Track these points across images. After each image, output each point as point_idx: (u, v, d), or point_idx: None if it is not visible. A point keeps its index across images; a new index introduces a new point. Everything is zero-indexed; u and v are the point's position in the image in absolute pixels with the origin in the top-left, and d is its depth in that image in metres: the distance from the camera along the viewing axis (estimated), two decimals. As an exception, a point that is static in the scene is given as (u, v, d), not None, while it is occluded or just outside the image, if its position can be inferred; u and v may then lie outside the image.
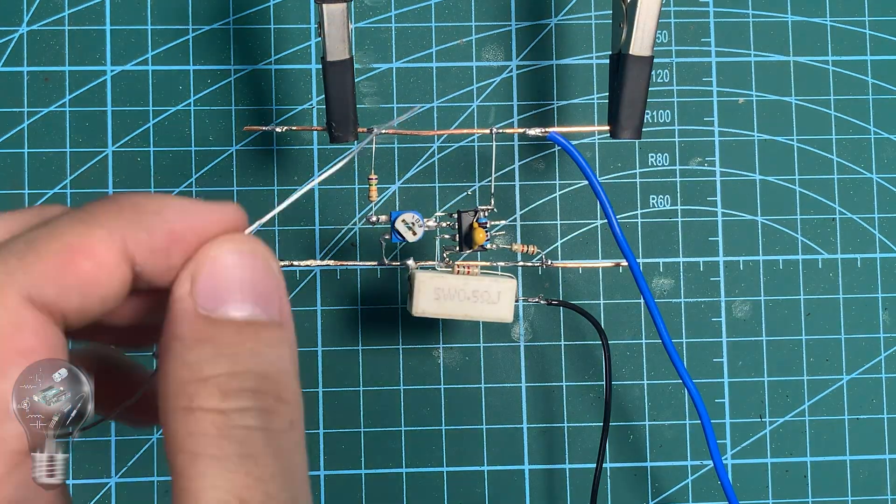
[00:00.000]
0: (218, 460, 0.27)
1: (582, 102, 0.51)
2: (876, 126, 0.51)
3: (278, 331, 0.29)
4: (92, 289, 0.27)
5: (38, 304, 0.26)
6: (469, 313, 0.41)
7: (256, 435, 0.27)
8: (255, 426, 0.27)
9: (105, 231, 0.27)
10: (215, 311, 0.28)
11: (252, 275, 0.29)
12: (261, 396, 0.28)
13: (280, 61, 0.50)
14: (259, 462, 0.27)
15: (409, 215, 0.41)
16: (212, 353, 0.28)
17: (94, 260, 0.27)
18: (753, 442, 0.50)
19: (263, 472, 0.27)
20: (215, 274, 0.29)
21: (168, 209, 0.29)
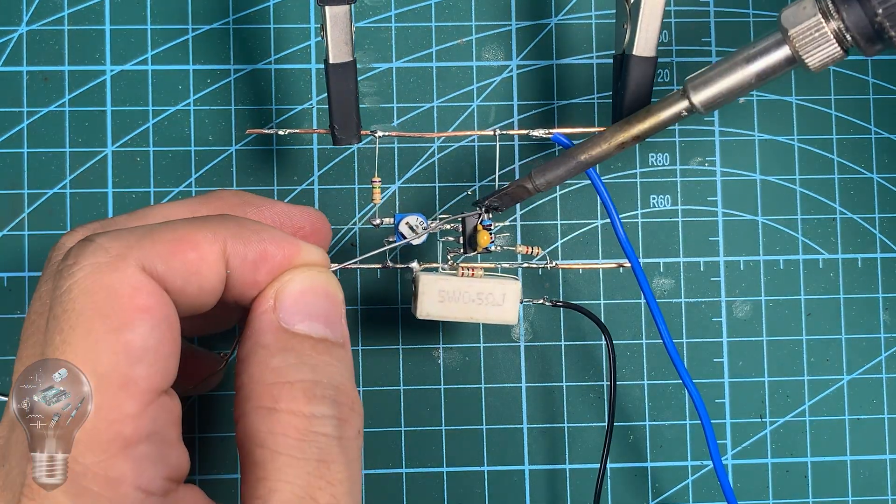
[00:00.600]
0: (297, 461, 0.31)
1: (582, 102, 0.51)
2: (877, 126, 0.51)
3: (343, 350, 0.34)
4: (193, 276, 0.32)
5: (151, 274, 0.30)
6: (474, 315, 0.41)
7: (333, 442, 0.32)
8: (332, 434, 0.32)
9: (211, 233, 0.32)
10: (294, 326, 0.33)
11: (325, 302, 0.34)
12: (338, 406, 0.32)
13: (280, 61, 0.50)
14: (332, 467, 0.31)
15: (412, 218, 0.41)
16: (295, 360, 0.32)
17: (198, 252, 0.32)
18: (754, 442, 0.50)
19: (334, 477, 0.31)
20: (296, 296, 0.34)
21: (266, 231, 0.34)
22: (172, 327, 0.31)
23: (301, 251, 0.35)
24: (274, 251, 0.34)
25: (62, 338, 0.29)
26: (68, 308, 0.30)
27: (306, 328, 0.33)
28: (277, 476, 0.31)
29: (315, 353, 0.33)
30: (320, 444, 0.31)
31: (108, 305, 0.29)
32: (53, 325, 0.30)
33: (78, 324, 0.29)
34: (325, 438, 0.32)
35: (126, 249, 0.30)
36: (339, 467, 0.32)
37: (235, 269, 0.33)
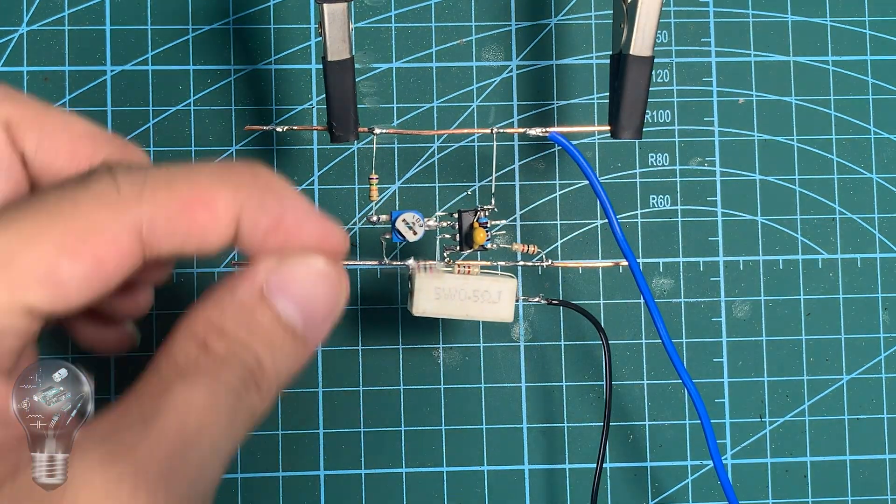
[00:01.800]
0: (190, 384, 0.31)
1: (582, 102, 0.51)
2: (876, 126, 0.51)
3: (301, 346, 0.34)
4: (195, 238, 0.31)
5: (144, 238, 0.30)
6: (470, 313, 0.41)
7: (229, 393, 0.31)
8: (234, 388, 0.32)
9: (230, 193, 0.31)
10: (272, 298, 0.33)
11: (320, 297, 0.34)
12: (250, 377, 0.32)
13: (280, 61, 0.50)
14: (217, 408, 0.31)
15: (409, 215, 0.41)
16: (244, 320, 0.32)
17: (211, 214, 0.31)
18: (753, 442, 0.50)
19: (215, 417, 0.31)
20: (296, 275, 0.33)
21: (290, 200, 0.33)
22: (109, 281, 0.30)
23: (324, 232, 0.34)
24: (292, 222, 0.33)
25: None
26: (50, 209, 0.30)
27: (282, 308, 0.33)
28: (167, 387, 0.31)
29: (268, 331, 0.33)
30: (217, 385, 0.31)
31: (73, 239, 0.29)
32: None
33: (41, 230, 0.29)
34: (224, 385, 0.32)
35: (136, 197, 0.30)
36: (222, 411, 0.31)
37: (245, 233, 0.32)
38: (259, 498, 0.49)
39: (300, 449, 0.49)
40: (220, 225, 0.32)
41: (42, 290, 0.29)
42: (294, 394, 0.49)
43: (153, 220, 0.30)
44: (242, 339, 0.32)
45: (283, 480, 0.49)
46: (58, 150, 0.36)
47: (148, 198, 0.30)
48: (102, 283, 0.30)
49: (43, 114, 0.36)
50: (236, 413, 0.32)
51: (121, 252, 0.30)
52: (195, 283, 0.49)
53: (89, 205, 0.30)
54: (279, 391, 0.34)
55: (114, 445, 0.29)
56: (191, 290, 0.49)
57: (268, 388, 0.33)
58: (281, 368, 0.33)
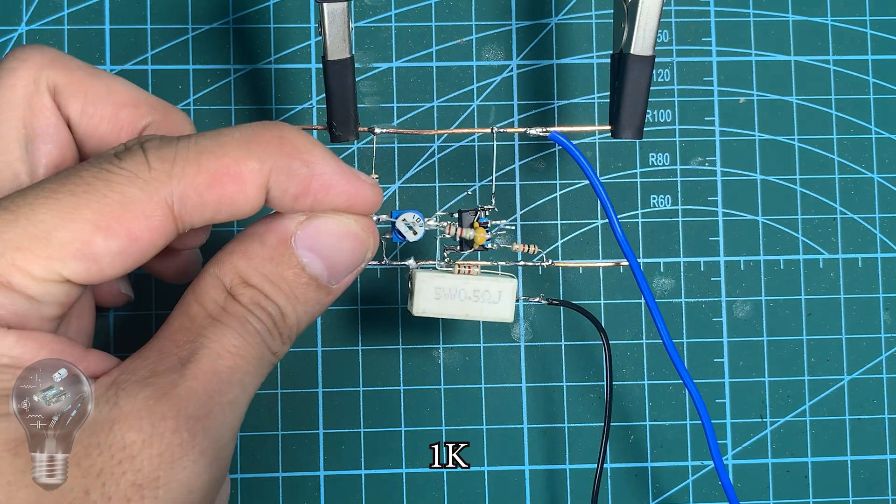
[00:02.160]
0: (221, 327, 0.33)
1: (582, 102, 0.51)
2: (877, 126, 0.51)
3: (323, 294, 0.36)
4: (226, 208, 0.33)
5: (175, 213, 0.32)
6: (470, 313, 0.40)
7: (256, 336, 0.34)
8: (260, 333, 0.34)
9: (258, 164, 0.33)
10: (299, 250, 0.35)
11: (346, 253, 0.36)
12: (272, 325, 0.34)
13: (280, 61, 0.50)
14: (247, 350, 0.33)
15: (409, 215, 0.41)
16: (269, 273, 0.34)
17: (239, 186, 0.32)
18: (754, 442, 0.50)
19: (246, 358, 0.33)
20: (325, 230, 0.35)
21: (317, 164, 0.34)
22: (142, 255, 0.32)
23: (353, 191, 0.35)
24: (319, 187, 0.34)
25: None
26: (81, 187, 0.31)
27: (307, 260, 0.35)
28: (199, 331, 0.33)
29: (292, 281, 0.35)
30: (246, 329, 0.34)
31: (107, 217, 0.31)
32: None
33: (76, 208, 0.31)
34: (252, 329, 0.34)
35: (166, 175, 0.32)
36: (251, 353, 0.34)
37: (275, 198, 0.34)
38: (259, 498, 0.49)
39: (300, 449, 0.49)
40: (248, 195, 0.33)
41: (78, 264, 0.31)
42: (294, 394, 0.49)
43: (184, 195, 0.32)
44: (267, 292, 0.34)
45: (282, 481, 0.49)
46: (101, 117, 0.37)
47: (178, 174, 0.32)
48: (136, 256, 0.32)
49: (88, 79, 0.37)
50: (262, 357, 0.34)
51: (153, 228, 0.32)
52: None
53: (122, 183, 0.31)
54: (298, 335, 0.36)
55: (156, 386, 0.31)
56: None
57: (288, 336, 0.35)
58: (301, 318, 0.35)
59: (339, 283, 0.36)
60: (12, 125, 0.36)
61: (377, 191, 0.37)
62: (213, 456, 0.32)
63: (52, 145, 0.37)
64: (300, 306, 0.35)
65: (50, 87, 0.36)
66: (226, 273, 0.34)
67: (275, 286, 0.34)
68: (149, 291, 0.49)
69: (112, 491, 0.29)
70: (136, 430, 0.30)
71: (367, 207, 0.36)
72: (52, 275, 0.31)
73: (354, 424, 0.49)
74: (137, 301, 0.49)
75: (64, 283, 0.31)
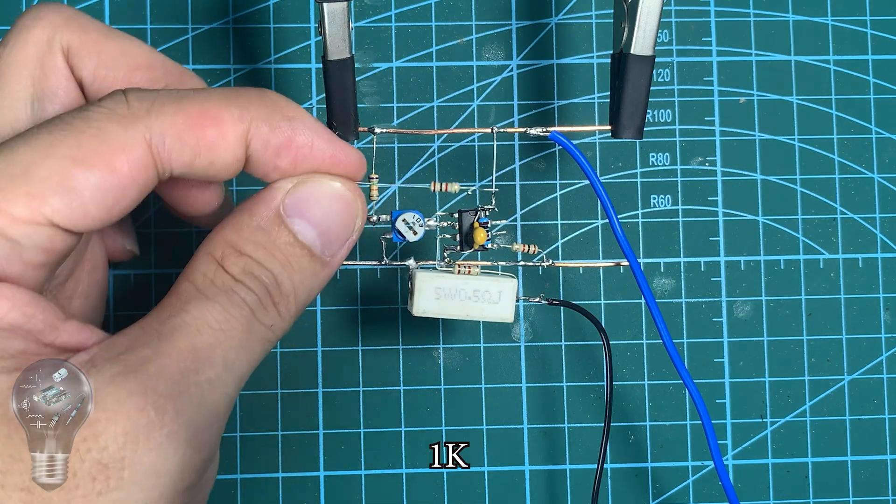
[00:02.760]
0: (205, 301, 0.32)
1: (582, 102, 0.51)
2: (877, 126, 0.51)
3: (319, 266, 0.35)
4: (206, 151, 0.33)
5: (154, 149, 0.32)
6: (470, 313, 0.41)
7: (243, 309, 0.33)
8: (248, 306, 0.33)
9: (238, 111, 0.33)
10: (290, 219, 0.34)
11: (336, 218, 0.35)
12: (265, 295, 0.33)
13: (280, 60, 0.50)
14: (231, 324, 0.32)
15: (409, 215, 0.41)
16: (261, 241, 0.34)
17: (219, 129, 0.32)
18: (754, 442, 0.50)
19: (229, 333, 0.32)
20: (313, 196, 0.35)
21: (300, 121, 0.34)
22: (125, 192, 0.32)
23: (337, 152, 0.36)
24: (303, 142, 0.34)
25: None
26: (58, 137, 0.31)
27: (298, 228, 0.34)
28: (183, 306, 0.32)
29: (285, 250, 0.34)
30: (232, 302, 0.33)
31: (85, 149, 0.31)
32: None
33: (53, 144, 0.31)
34: (239, 302, 0.33)
35: (145, 112, 0.32)
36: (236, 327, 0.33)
37: (256, 151, 0.34)
38: (259, 498, 0.49)
39: (300, 449, 0.49)
40: (228, 141, 0.33)
41: (58, 200, 0.30)
42: (294, 394, 0.49)
43: (162, 132, 0.32)
44: (259, 259, 0.34)
45: (282, 481, 0.49)
46: (114, 79, 0.37)
47: (157, 111, 0.32)
48: (118, 193, 0.32)
49: (102, 40, 0.37)
50: (252, 332, 0.33)
51: (132, 161, 0.31)
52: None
53: (100, 119, 0.31)
54: (298, 312, 0.35)
55: (128, 362, 0.31)
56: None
57: (286, 308, 0.34)
58: (300, 288, 0.35)
59: (334, 256, 0.36)
60: (21, 84, 0.36)
61: (360, 154, 0.37)
62: (186, 438, 0.31)
63: (60, 106, 0.37)
64: (296, 275, 0.34)
65: (63, 48, 0.36)
66: (216, 246, 0.34)
67: (268, 253, 0.34)
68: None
69: (77, 467, 0.29)
70: (99, 408, 0.29)
71: (351, 171, 0.36)
72: (35, 215, 0.30)
73: (354, 424, 0.49)
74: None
75: (48, 225, 0.31)
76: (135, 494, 0.29)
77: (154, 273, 0.49)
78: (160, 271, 0.49)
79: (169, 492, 0.30)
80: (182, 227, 0.49)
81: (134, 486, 0.29)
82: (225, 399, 0.32)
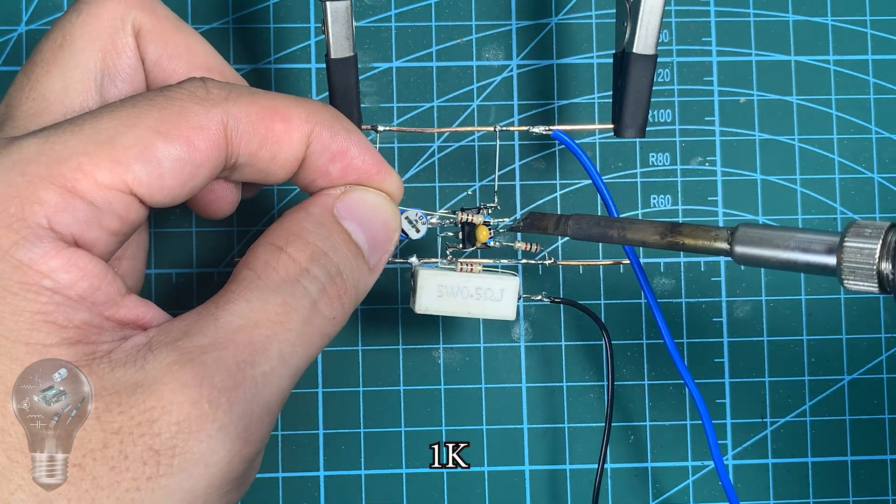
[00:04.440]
0: (268, 292, 0.33)
1: (583, 102, 0.51)
2: (877, 126, 0.51)
3: (367, 269, 0.36)
4: (271, 145, 0.34)
5: (228, 131, 0.33)
6: (472, 311, 0.41)
7: (306, 299, 0.33)
8: (311, 294, 0.34)
9: (305, 113, 0.34)
10: (344, 220, 0.36)
11: (381, 227, 0.37)
12: (331, 282, 0.34)
13: (280, 60, 0.50)
14: (290, 315, 0.33)
15: (412, 212, 0.41)
16: (324, 235, 0.35)
17: (286, 125, 0.34)
18: (754, 442, 0.50)
19: (288, 323, 0.33)
20: (363, 204, 0.36)
21: (356, 134, 0.36)
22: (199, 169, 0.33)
23: (383, 170, 0.37)
24: (356, 153, 0.36)
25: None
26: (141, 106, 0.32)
27: (352, 228, 0.36)
28: (243, 293, 0.33)
29: (343, 245, 0.35)
30: (295, 292, 0.33)
31: (167, 123, 0.32)
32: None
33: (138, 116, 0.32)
34: (302, 292, 0.33)
35: (223, 99, 0.33)
36: (296, 319, 0.33)
37: (314, 153, 0.35)
38: (259, 498, 0.49)
39: (300, 449, 0.49)
40: (293, 138, 0.34)
41: (141, 169, 0.31)
42: (294, 394, 0.49)
43: (237, 118, 0.33)
44: (325, 248, 0.34)
45: (282, 481, 0.49)
46: (173, 72, 0.38)
47: (234, 99, 0.33)
48: (193, 170, 0.33)
49: (172, 31, 0.38)
50: (311, 324, 0.34)
51: (210, 140, 0.33)
52: (194, 284, 0.49)
53: (182, 99, 0.33)
54: (352, 309, 0.36)
55: (183, 351, 0.31)
56: (190, 290, 0.49)
57: (347, 300, 0.35)
58: (358, 283, 0.36)
59: (378, 262, 0.37)
60: (91, 56, 0.36)
61: (400, 179, 0.38)
62: (237, 432, 0.31)
63: (128, 86, 0.37)
64: (354, 269, 0.35)
65: (135, 28, 0.37)
66: (278, 237, 0.35)
67: (332, 244, 0.35)
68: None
69: (129, 450, 0.29)
70: (156, 396, 0.30)
71: (392, 191, 0.38)
72: (117, 181, 0.31)
73: (354, 424, 0.49)
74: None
75: (128, 193, 0.31)
76: (183, 482, 0.30)
77: (153, 273, 0.49)
78: (159, 272, 0.49)
79: (217, 481, 0.31)
80: (181, 227, 0.49)
81: (182, 474, 0.30)
82: (279, 393, 0.33)
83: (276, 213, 0.50)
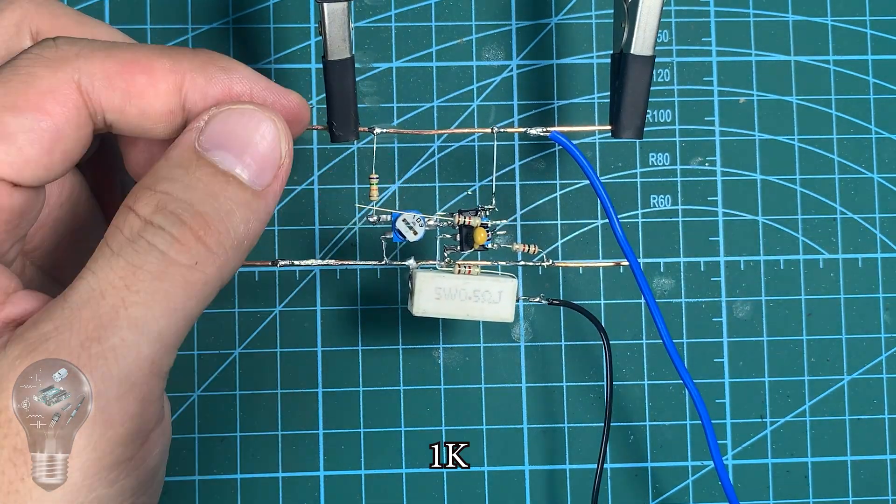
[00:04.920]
0: (113, 256, 0.30)
1: (582, 102, 0.51)
2: (877, 126, 0.51)
3: (250, 195, 0.32)
4: (135, 99, 0.31)
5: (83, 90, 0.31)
6: (470, 313, 0.41)
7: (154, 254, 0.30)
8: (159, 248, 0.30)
9: (170, 63, 0.32)
10: (208, 152, 0.31)
11: (259, 144, 0.32)
12: (182, 227, 0.30)
13: (280, 60, 0.50)
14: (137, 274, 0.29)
15: (409, 215, 0.41)
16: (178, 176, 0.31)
17: (149, 77, 0.31)
18: (754, 442, 0.50)
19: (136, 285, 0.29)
20: (228, 123, 0.32)
21: (238, 71, 0.33)
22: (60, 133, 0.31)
23: (275, 94, 0.34)
24: (241, 89, 0.33)
25: None
26: None
27: (219, 159, 0.31)
28: (91, 266, 0.30)
29: (209, 180, 0.31)
30: (137, 249, 0.30)
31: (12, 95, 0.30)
32: None
33: None
34: (145, 247, 0.30)
35: (74, 55, 0.31)
36: (143, 279, 0.29)
37: (192, 103, 0.32)
38: (259, 498, 0.49)
39: (300, 449, 0.49)
40: (159, 90, 0.32)
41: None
42: (294, 394, 0.49)
43: (91, 74, 0.31)
44: (175, 192, 0.31)
45: (282, 481, 0.49)
46: None
47: (86, 55, 0.31)
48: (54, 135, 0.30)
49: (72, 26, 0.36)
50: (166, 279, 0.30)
51: (61, 102, 0.31)
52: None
53: (28, 65, 0.31)
54: (239, 245, 0.32)
55: (27, 342, 0.29)
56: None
57: (216, 239, 0.31)
58: (231, 217, 0.31)
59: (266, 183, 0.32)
60: None
61: (300, 97, 0.35)
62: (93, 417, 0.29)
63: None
64: (224, 204, 0.31)
65: (33, 32, 0.35)
66: (131, 195, 0.31)
67: (186, 185, 0.31)
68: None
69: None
70: (6, 394, 0.28)
71: (293, 115, 0.35)
72: None
73: (354, 424, 0.49)
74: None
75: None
76: None
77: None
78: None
79: (92, 470, 0.29)
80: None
81: None
82: (139, 364, 0.29)
83: (275, 213, 0.50)
